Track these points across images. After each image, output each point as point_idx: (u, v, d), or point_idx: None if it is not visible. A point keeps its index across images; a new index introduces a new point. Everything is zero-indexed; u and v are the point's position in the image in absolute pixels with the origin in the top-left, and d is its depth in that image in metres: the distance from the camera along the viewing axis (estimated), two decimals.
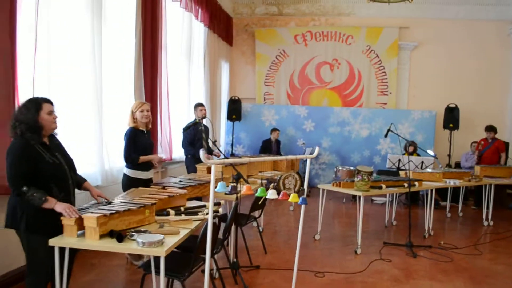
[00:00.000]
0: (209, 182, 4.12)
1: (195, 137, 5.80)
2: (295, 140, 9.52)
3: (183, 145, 6.01)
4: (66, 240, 2.63)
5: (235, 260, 3.98)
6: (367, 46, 9.54)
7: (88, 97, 4.50)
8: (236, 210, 3.73)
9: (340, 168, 7.99)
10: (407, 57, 9.61)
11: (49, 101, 2.80)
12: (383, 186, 5.18)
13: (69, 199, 2.84)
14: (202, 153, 2.24)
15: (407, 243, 5.03)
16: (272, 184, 2.88)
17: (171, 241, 2.65)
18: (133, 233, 2.67)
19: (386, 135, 5.63)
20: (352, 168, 7.99)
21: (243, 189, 2.78)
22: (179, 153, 6.62)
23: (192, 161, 5.75)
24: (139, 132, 4.18)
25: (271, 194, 2.74)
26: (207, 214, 3.29)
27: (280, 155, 8.77)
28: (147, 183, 4.21)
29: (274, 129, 8.99)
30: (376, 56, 9.53)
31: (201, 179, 4.31)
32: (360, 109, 9.48)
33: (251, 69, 10.20)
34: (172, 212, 3.28)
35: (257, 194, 2.78)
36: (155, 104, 6.05)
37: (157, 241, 2.54)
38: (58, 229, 2.67)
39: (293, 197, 2.81)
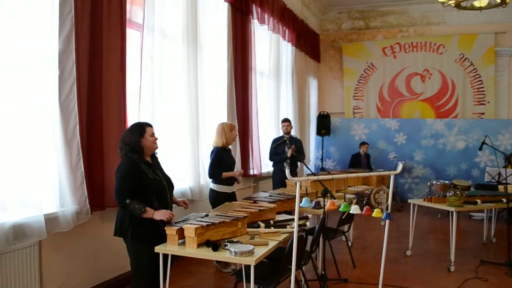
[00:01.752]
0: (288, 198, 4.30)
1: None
2: (386, 153, 9.32)
3: (271, 159, 6.22)
4: (169, 247, 2.96)
5: (323, 272, 4.07)
6: (460, 54, 9.09)
7: (185, 119, 4.92)
8: (323, 224, 3.84)
9: (434, 182, 7.67)
10: (505, 63, 8.97)
11: (150, 125, 3.19)
12: (478, 201, 4.92)
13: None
14: (287, 172, 2.42)
15: (507, 262, 4.71)
16: (355, 199, 2.96)
17: (260, 251, 2.86)
18: (227, 243, 2.93)
19: (480, 148, 5.36)
20: (447, 182, 7.63)
21: (327, 204, 2.91)
22: (267, 168, 6.88)
23: (278, 175, 5.95)
24: (225, 150, 4.54)
25: (354, 209, 2.83)
26: (292, 227, 3.49)
27: (370, 169, 8.65)
28: (232, 196, 4.57)
29: (362, 143, 8.91)
30: (471, 64, 9.03)
31: (290, 194, 4.47)
32: (455, 120, 9.02)
33: (339, 84, 10.24)
34: (262, 224, 3.50)
35: (340, 209, 2.89)
36: (246, 123, 6.43)
37: (247, 251, 2.76)
38: (159, 239, 3.01)
39: (376, 212, 2.88)
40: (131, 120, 4.27)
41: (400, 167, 3.05)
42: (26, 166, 3.12)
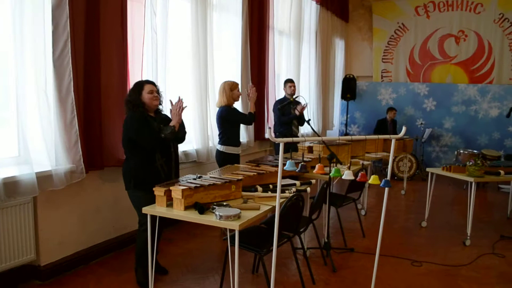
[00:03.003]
0: (304, 162, 4.14)
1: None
2: (413, 120, 8.91)
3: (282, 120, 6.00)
4: (157, 209, 2.90)
5: (326, 241, 3.96)
6: (500, 14, 8.40)
7: (192, 79, 4.77)
8: (326, 190, 3.69)
9: (461, 151, 7.28)
10: None
11: (150, 82, 3.25)
12: (502, 172, 4.59)
13: (170, 164, 3.29)
14: (268, 132, 2.25)
15: None
16: (361, 169, 2.76)
17: (248, 216, 2.74)
18: (215, 206, 2.83)
19: (508, 115, 4.96)
20: (476, 151, 7.24)
21: (317, 167, 2.74)
22: None
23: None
24: (237, 110, 4.46)
25: (347, 175, 2.65)
26: (294, 192, 3.35)
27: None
28: (238, 158, 4.51)
29: (390, 108, 8.52)
30: (511, 25, 8.32)
31: (297, 159, 4.32)
32: (490, 86, 8.45)
33: (368, 45, 9.77)
34: (260, 188, 3.38)
35: (331, 174, 2.71)
36: (262, 84, 6.23)
37: (233, 215, 2.65)
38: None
39: (373, 179, 2.68)
40: (134, 79, 4.20)
41: (403, 131, 2.80)
42: (18, 124, 3.10)
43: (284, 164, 2.41)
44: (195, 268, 3.73)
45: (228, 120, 4.37)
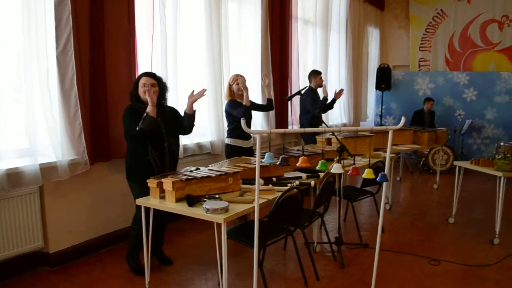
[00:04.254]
0: (316, 154, 4.00)
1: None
2: (452, 111, 8.42)
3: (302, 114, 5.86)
4: (151, 201, 2.89)
5: (337, 236, 3.80)
6: None
7: (206, 71, 4.73)
8: (331, 183, 3.52)
9: (502, 143, 6.76)
10: None
11: (148, 74, 3.22)
12: None
13: (163, 158, 3.23)
14: (243, 122, 2.15)
15: None
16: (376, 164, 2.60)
17: (237, 209, 2.66)
18: (205, 199, 2.77)
19: None
20: None
21: (299, 161, 2.60)
22: None
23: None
24: (238, 103, 4.31)
25: (336, 168, 2.49)
26: (297, 185, 3.23)
27: (434, 127, 7.88)
28: (248, 151, 4.39)
29: (427, 99, 8.10)
30: None
31: (313, 151, 4.17)
32: None
33: (405, 33, 9.34)
34: (261, 181, 3.29)
35: (318, 167, 2.56)
36: (285, 75, 6.11)
37: (220, 208, 2.58)
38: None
39: (367, 173, 2.50)
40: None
41: (402, 121, 2.59)
42: (23, 117, 3.21)
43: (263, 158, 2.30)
44: (200, 259, 3.70)
45: (230, 114, 4.31)
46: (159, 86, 3.26)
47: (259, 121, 5.61)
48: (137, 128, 3.04)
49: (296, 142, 6.75)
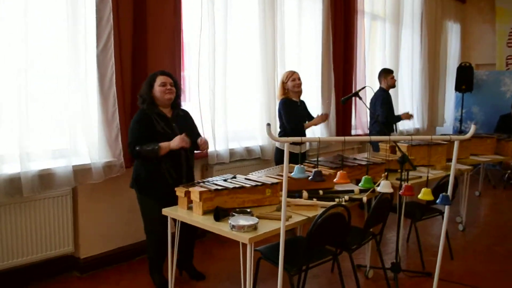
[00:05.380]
0: (375, 164, 3.57)
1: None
2: None
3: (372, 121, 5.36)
4: (179, 212, 2.66)
5: (394, 261, 3.32)
6: None
7: (260, 71, 4.45)
8: (387, 200, 3.06)
9: None
10: None
11: (165, 74, 2.94)
12: None
13: (180, 169, 2.93)
14: (267, 128, 1.83)
15: None
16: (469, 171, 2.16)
17: (268, 228, 2.34)
18: (234, 214, 2.48)
19: None
20: None
21: (338, 175, 2.20)
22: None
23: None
24: (292, 102, 3.98)
25: (384, 186, 2.08)
26: (346, 201, 2.84)
27: None
28: (301, 157, 3.98)
29: None
30: None
31: (373, 159, 3.74)
32: None
33: (490, 28, 8.37)
34: (305, 194, 2.94)
35: (360, 185, 2.15)
36: (349, 75, 5.71)
37: (248, 225, 2.28)
38: (171, 196, 2.72)
39: (424, 194, 2.06)
40: (190, 73, 4.07)
41: (472, 129, 2.11)
42: (59, 117, 3.17)
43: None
44: (236, 276, 3.41)
45: (281, 115, 4.00)
46: (175, 87, 3.01)
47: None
48: (137, 148, 2.78)
49: (360, 148, 6.25)
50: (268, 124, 1.89)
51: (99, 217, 3.42)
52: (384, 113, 4.99)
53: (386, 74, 5.23)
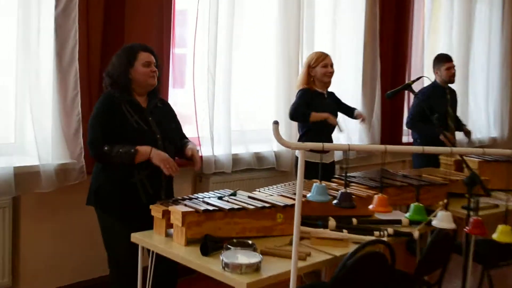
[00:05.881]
0: (431, 185, 3.48)
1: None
2: None
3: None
4: (153, 239, 2.56)
5: None
6: None
7: (278, 59, 4.52)
8: (449, 235, 2.90)
9: None
10: None
11: (147, 49, 2.84)
12: None
13: (157, 179, 2.83)
14: (274, 128, 1.73)
15: None
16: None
17: (275, 269, 2.19)
18: (230, 247, 2.33)
19: None
20: None
21: (375, 200, 2.04)
22: None
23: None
24: (316, 94, 3.92)
25: (442, 219, 1.95)
26: (389, 235, 2.70)
27: None
28: (328, 168, 4.01)
29: None
30: None
31: (427, 179, 3.65)
32: None
33: None
34: (332, 223, 2.79)
35: (408, 216, 1.98)
36: (401, 62, 5.84)
37: (246, 265, 2.12)
38: (146, 218, 2.64)
39: (502, 233, 1.92)
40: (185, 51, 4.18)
41: None
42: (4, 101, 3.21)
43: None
44: None
45: None
46: (157, 67, 2.91)
47: (354, 126, 5.17)
48: (105, 148, 2.67)
49: (410, 161, 6.14)
50: (276, 122, 1.83)
51: (47, 240, 3.39)
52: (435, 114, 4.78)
53: (440, 63, 4.99)
